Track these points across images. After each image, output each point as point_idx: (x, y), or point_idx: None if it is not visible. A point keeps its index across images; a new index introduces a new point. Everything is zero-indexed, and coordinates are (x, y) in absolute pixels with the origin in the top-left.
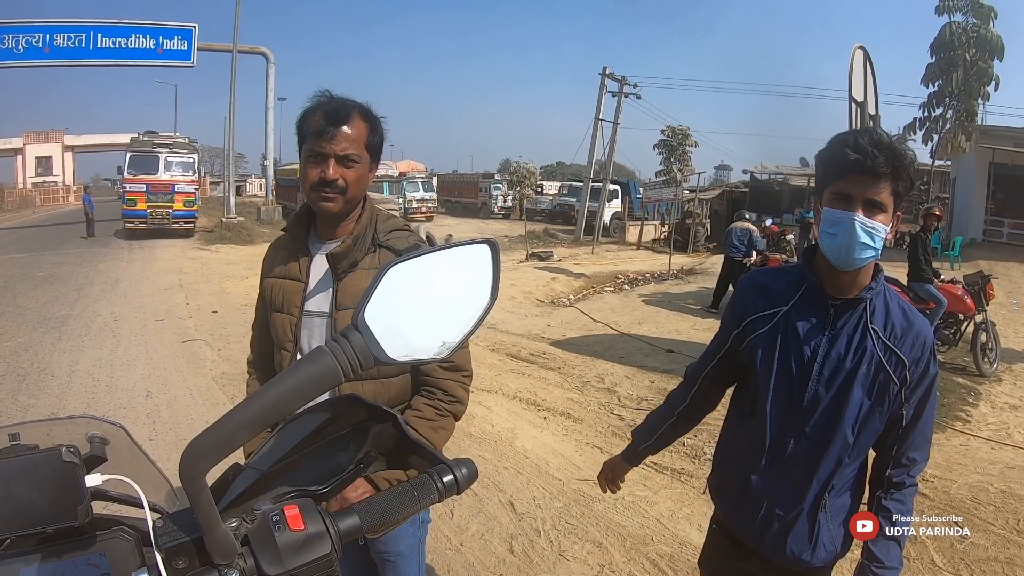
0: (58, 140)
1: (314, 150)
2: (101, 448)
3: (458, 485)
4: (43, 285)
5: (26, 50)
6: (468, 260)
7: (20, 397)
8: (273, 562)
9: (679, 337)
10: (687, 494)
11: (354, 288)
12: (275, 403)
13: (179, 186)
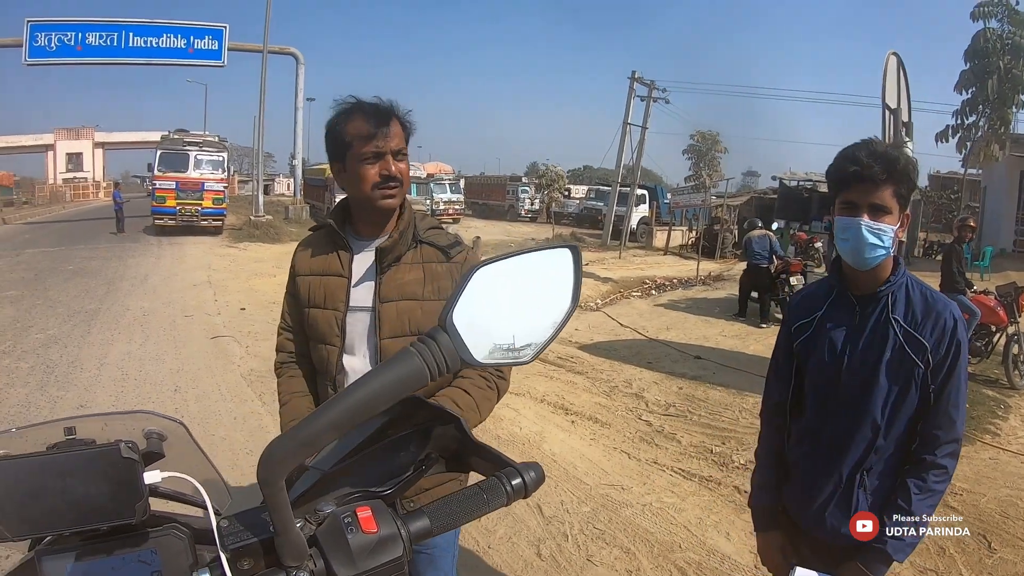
0: (89, 137)
1: (369, 151)
2: (158, 444)
3: (526, 488)
4: (73, 279)
5: (59, 48)
6: (551, 263)
7: (49, 389)
8: (345, 564)
9: (707, 343)
10: (715, 502)
11: (397, 281)
12: (361, 404)
13: (208, 184)
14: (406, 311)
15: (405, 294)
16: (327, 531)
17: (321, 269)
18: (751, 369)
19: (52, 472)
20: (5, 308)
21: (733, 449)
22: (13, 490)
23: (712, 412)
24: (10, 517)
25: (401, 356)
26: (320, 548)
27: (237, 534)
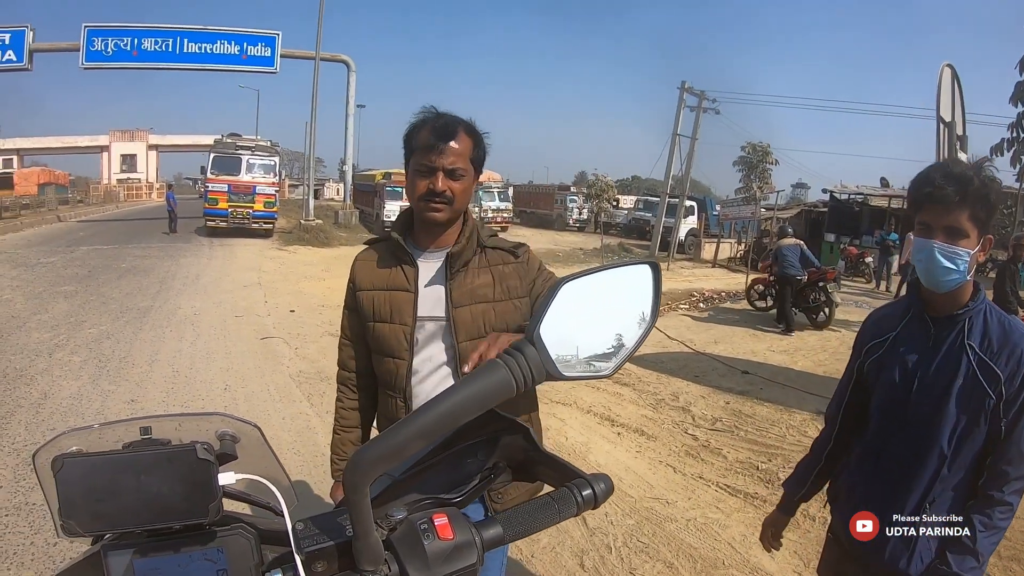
0: (143, 139)
1: (423, 163)
2: (232, 446)
3: (596, 499)
4: (126, 276)
5: (115, 52)
6: (632, 279)
7: (101, 383)
8: (420, 569)
9: (755, 358)
10: (760, 519)
11: (468, 286)
12: (448, 414)
13: (260, 187)
14: (480, 314)
15: (477, 298)
16: (403, 536)
17: (385, 284)
18: (799, 385)
19: (127, 470)
20: (60, 303)
21: (779, 466)
22: (88, 487)
23: (759, 428)
24: (83, 513)
25: (489, 367)
26: (395, 553)
27: (313, 537)
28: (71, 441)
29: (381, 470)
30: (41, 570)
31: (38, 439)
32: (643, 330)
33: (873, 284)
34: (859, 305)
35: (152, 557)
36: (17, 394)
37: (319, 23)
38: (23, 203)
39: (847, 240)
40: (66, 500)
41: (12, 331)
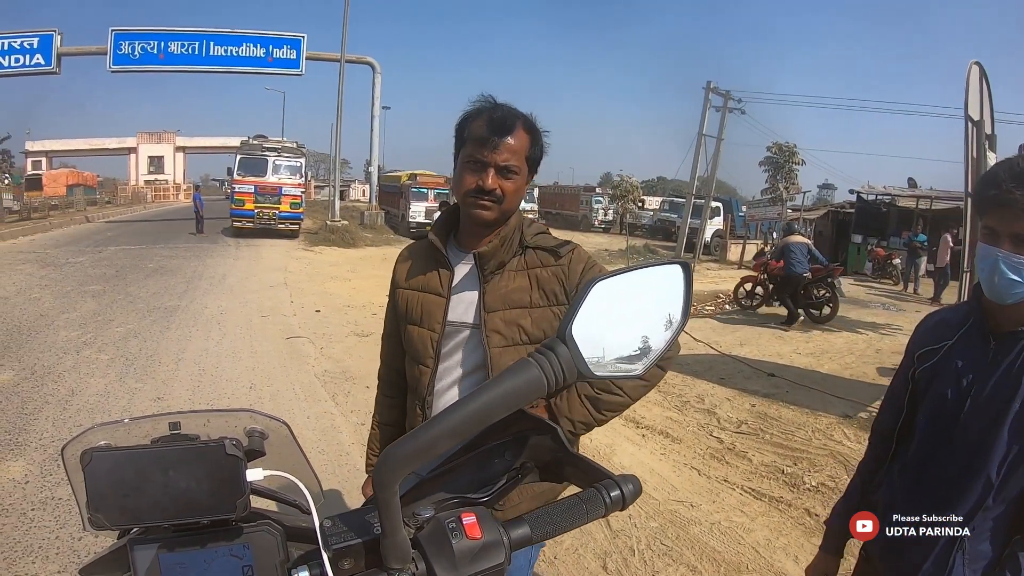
0: (170, 141)
1: (474, 157)
2: (260, 443)
3: (624, 500)
4: (153, 276)
5: (142, 56)
6: (663, 279)
7: (128, 381)
8: (447, 569)
9: (780, 361)
10: (785, 523)
11: (503, 289)
12: (479, 413)
13: (286, 188)
14: (514, 320)
15: (511, 302)
16: (431, 535)
17: (420, 285)
18: (826, 388)
19: (155, 465)
20: (87, 302)
21: (805, 470)
22: (116, 481)
23: (785, 432)
24: (111, 507)
25: (520, 366)
26: (423, 551)
27: (340, 535)
28: (100, 435)
29: (411, 468)
30: (66, 564)
31: (65, 435)
32: (674, 330)
33: (901, 286)
34: (886, 307)
35: (178, 552)
36: (45, 391)
37: (344, 25)
38: (52, 204)
39: (874, 241)
40: (94, 494)
41: (41, 329)
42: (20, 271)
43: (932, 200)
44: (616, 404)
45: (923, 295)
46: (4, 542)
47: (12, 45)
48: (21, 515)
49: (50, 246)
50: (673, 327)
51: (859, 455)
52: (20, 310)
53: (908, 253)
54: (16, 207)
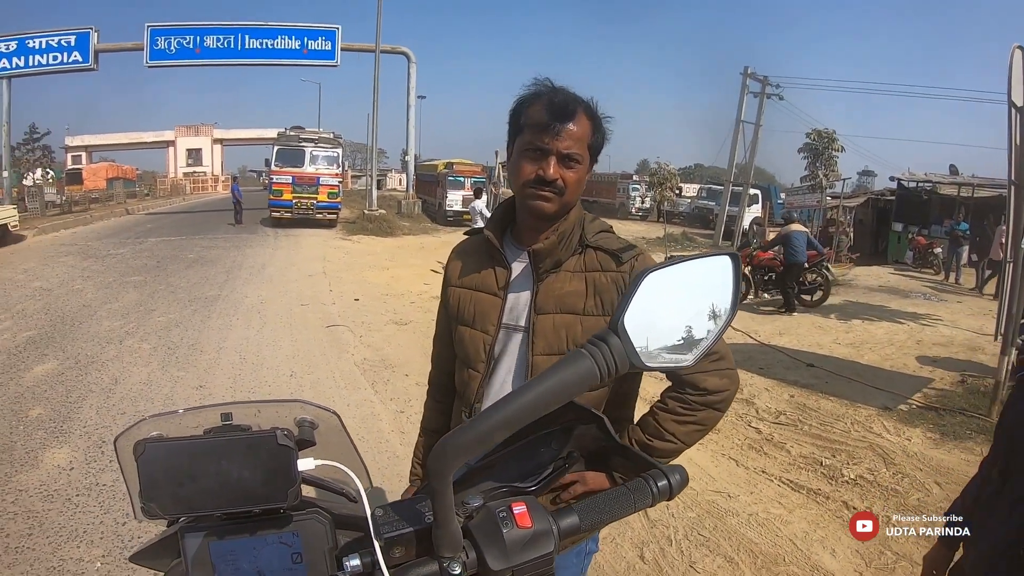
0: (208, 134)
1: (535, 144)
2: (310, 432)
3: (671, 490)
4: (194, 267)
5: (178, 51)
6: (712, 271)
7: (170, 369)
8: (498, 557)
9: (820, 351)
10: (823, 516)
11: (557, 291)
12: (533, 403)
13: (324, 178)
14: (563, 325)
15: (564, 306)
16: (481, 524)
17: (474, 284)
18: (866, 380)
19: (208, 455)
20: (129, 292)
21: (843, 463)
22: (169, 471)
23: (823, 423)
24: (164, 496)
25: (573, 356)
26: (473, 540)
27: (392, 523)
28: (152, 426)
29: (467, 458)
30: (110, 548)
31: (108, 423)
32: (723, 322)
33: (942, 276)
34: (927, 297)
35: (228, 540)
36: (89, 379)
37: (378, 16)
38: (92, 197)
39: (915, 230)
40: (147, 483)
41: (84, 319)
42: (63, 263)
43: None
44: (668, 451)
45: (964, 285)
46: (50, 527)
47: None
48: (66, 500)
49: (91, 238)
50: (722, 319)
51: (899, 448)
52: (63, 301)
53: (950, 242)
54: (58, 201)
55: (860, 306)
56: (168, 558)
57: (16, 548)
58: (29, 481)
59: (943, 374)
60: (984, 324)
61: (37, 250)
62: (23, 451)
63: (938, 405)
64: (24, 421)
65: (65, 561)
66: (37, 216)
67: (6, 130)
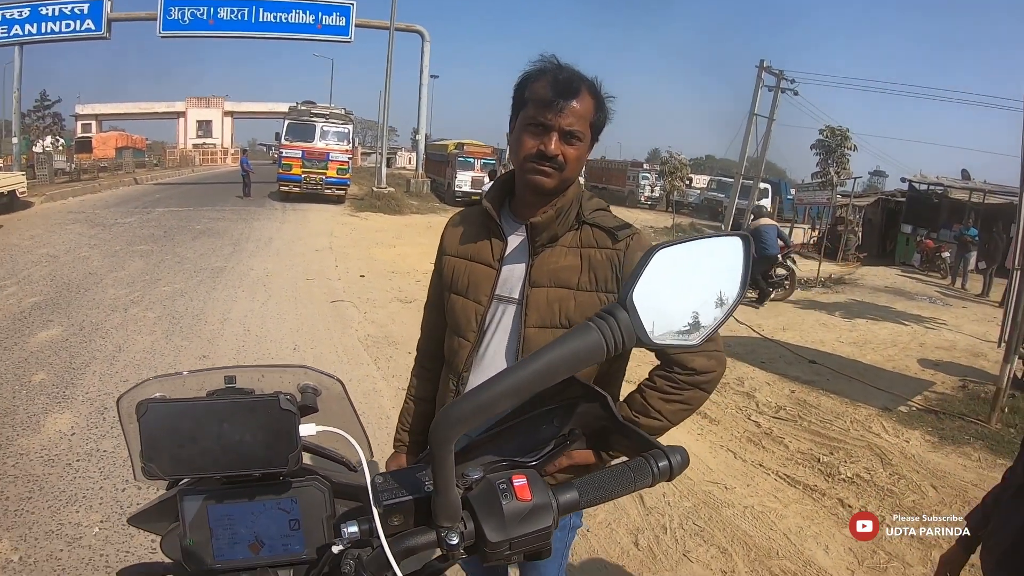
0: (218, 106)
1: (537, 120)
2: (312, 399)
3: (671, 470)
4: (200, 238)
5: (191, 21)
6: (722, 251)
7: (174, 338)
8: (496, 529)
9: (823, 348)
10: (817, 512)
11: (551, 265)
12: (539, 374)
13: (333, 154)
14: (556, 299)
15: (558, 280)
16: (481, 495)
17: (470, 253)
18: (867, 379)
19: (210, 417)
20: (136, 261)
21: (841, 460)
22: (171, 432)
23: (823, 420)
24: (164, 457)
25: (581, 329)
26: (472, 511)
27: (391, 491)
28: (155, 388)
29: (470, 427)
30: (109, 513)
31: (111, 390)
32: (731, 303)
33: (948, 280)
34: (933, 301)
35: (226, 503)
36: (93, 346)
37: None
38: (101, 166)
39: (924, 233)
40: (148, 444)
41: (90, 287)
42: (70, 230)
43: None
44: (654, 428)
45: (970, 291)
46: (50, 491)
47: (63, 11)
48: (67, 465)
49: (99, 207)
50: (730, 301)
51: (897, 449)
52: (70, 268)
53: (958, 247)
54: (67, 168)
55: (865, 305)
56: (166, 521)
57: (15, 511)
58: (30, 445)
59: (944, 378)
60: (988, 330)
61: (44, 217)
62: (25, 415)
63: (938, 409)
64: (27, 386)
65: (64, 525)
66: (45, 183)
67: (17, 97)
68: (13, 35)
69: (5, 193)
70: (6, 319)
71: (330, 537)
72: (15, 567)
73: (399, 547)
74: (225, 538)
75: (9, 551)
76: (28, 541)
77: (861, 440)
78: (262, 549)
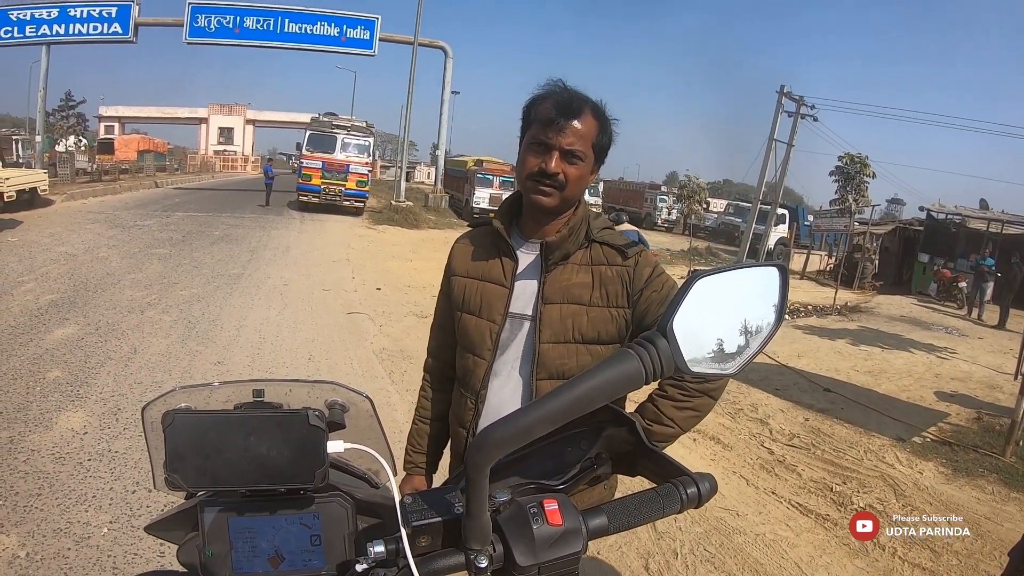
0: (241, 113)
1: (539, 139)
2: (340, 415)
3: (700, 498)
4: (218, 243)
5: (217, 29)
6: (760, 280)
7: (189, 343)
8: (526, 553)
9: (838, 376)
10: (829, 542)
11: (564, 282)
12: (578, 400)
13: (353, 166)
14: (570, 315)
15: (570, 297)
16: (511, 518)
17: (481, 273)
18: (882, 409)
19: (237, 431)
20: (153, 264)
21: (854, 490)
22: (197, 444)
23: (837, 449)
24: (189, 469)
25: (620, 356)
26: (501, 534)
27: (421, 512)
28: (181, 398)
29: (506, 451)
30: (118, 515)
31: (125, 391)
32: (767, 333)
33: (965, 310)
34: (949, 331)
35: (248, 516)
36: (108, 347)
37: (418, 8)
38: (123, 168)
39: (941, 262)
40: (173, 455)
41: (107, 287)
42: (89, 230)
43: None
44: (667, 435)
45: (987, 322)
46: (60, 488)
47: (91, 13)
48: (77, 464)
49: (119, 208)
50: (766, 330)
51: (910, 480)
52: (88, 267)
53: (975, 277)
54: (89, 169)
55: (881, 334)
56: (183, 530)
57: (24, 507)
58: (42, 442)
59: (959, 409)
60: (1004, 362)
61: (64, 215)
62: (38, 412)
63: (952, 440)
64: (41, 382)
65: (72, 524)
66: (67, 182)
67: (42, 96)
68: (41, 34)
69: (27, 190)
70: (23, 315)
71: (351, 554)
72: (22, 563)
73: (426, 569)
74: (245, 551)
75: (16, 547)
76: (36, 538)
77: (875, 470)
78: (282, 564)
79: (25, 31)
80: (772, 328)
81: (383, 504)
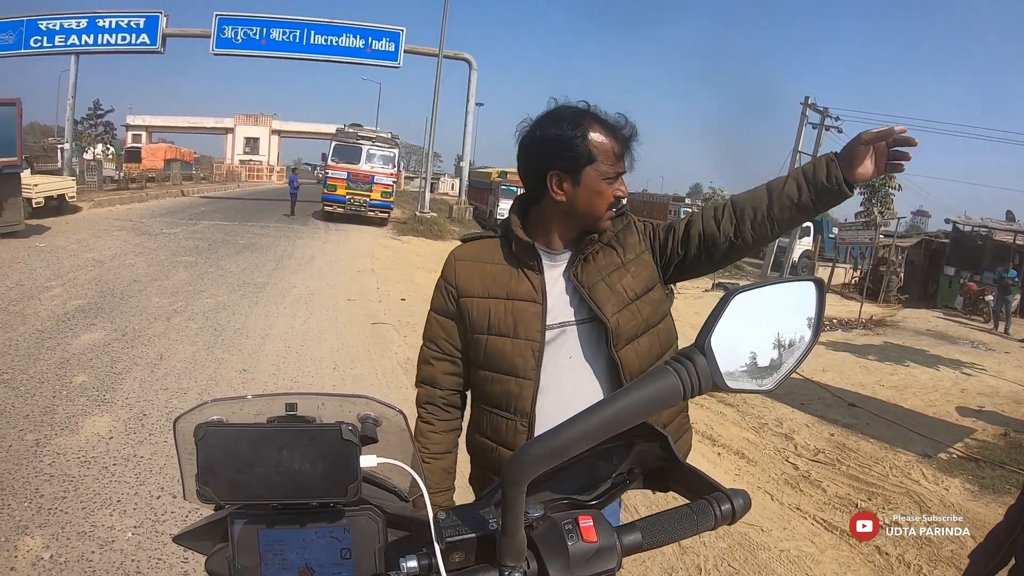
0: (266, 124)
1: (614, 170)
2: (373, 429)
3: (734, 514)
4: (244, 252)
5: (244, 41)
6: (796, 295)
7: (215, 351)
8: (560, 570)
9: (863, 391)
10: (854, 559)
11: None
12: (616, 417)
13: (378, 177)
14: (617, 280)
15: (605, 269)
16: (546, 535)
17: (505, 292)
18: (907, 424)
19: (270, 444)
20: (180, 272)
21: (879, 507)
22: (229, 457)
23: (862, 464)
24: (221, 482)
25: (658, 373)
26: (536, 550)
27: (455, 527)
28: (213, 411)
29: (544, 468)
30: (142, 520)
31: (151, 397)
32: (804, 348)
33: (991, 325)
34: (975, 346)
35: (277, 529)
36: (134, 353)
37: (443, 21)
38: (150, 176)
39: (967, 275)
40: (205, 467)
41: (134, 294)
42: (116, 237)
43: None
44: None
45: (1014, 336)
46: (84, 492)
47: (120, 24)
48: (103, 468)
49: (146, 216)
50: (802, 345)
51: (936, 496)
52: (115, 274)
53: (998, 289)
54: (116, 177)
55: (906, 349)
56: (212, 541)
57: (49, 509)
58: (68, 445)
59: (985, 425)
60: None
61: (92, 222)
62: (64, 415)
63: (979, 457)
64: (68, 387)
65: (97, 528)
66: (94, 190)
67: (71, 104)
68: (70, 44)
69: (55, 197)
70: (50, 319)
71: (381, 568)
72: (45, 564)
73: None
74: (275, 563)
75: (40, 548)
76: (60, 540)
77: (900, 487)
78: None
79: (54, 41)
80: (809, 343)
81: (414, 519)
